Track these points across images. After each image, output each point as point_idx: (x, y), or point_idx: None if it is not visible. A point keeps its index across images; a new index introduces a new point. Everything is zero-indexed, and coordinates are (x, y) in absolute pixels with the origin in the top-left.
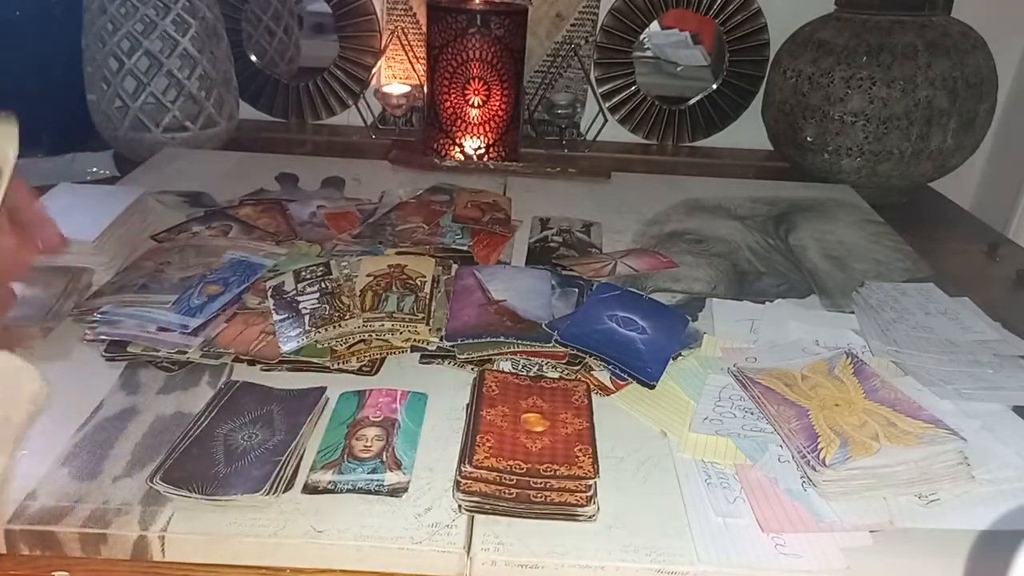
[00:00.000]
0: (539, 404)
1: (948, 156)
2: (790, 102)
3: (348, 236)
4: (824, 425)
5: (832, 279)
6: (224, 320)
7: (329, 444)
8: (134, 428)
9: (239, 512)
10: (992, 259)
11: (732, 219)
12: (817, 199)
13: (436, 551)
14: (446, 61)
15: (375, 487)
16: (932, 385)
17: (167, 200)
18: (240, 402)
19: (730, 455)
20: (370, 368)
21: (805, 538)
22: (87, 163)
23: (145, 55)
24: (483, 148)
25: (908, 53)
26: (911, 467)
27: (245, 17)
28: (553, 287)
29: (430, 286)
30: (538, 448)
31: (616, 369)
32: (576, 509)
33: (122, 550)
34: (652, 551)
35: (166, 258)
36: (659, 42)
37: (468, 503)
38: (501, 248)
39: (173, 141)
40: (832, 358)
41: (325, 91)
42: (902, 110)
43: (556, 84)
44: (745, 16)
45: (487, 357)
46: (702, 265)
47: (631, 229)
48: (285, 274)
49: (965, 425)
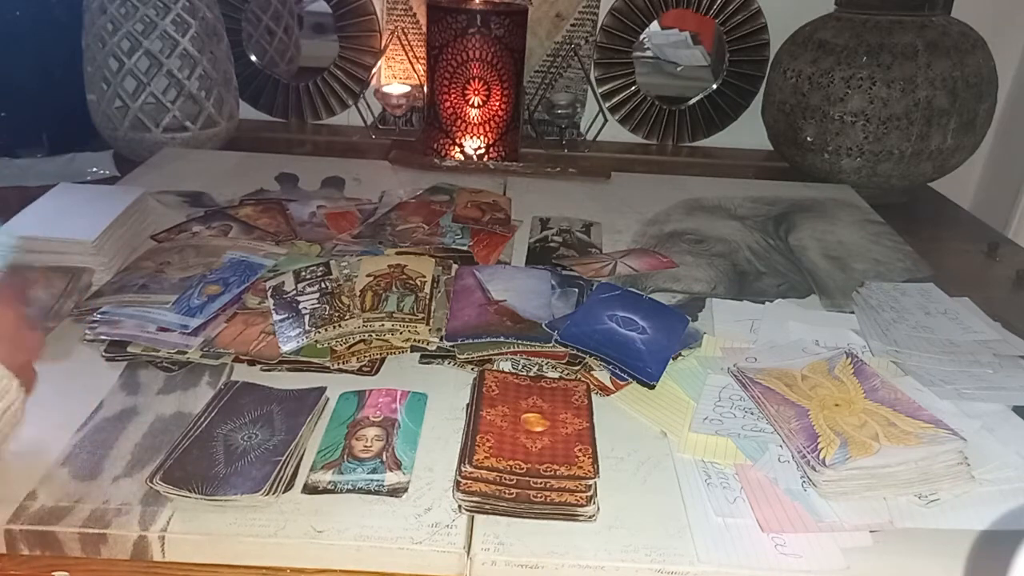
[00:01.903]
0: (539, 404)
1: (948, 156)
2: (790, 102)
3: (348, 236)
4: (824, 425)
5: (832, 279)
6: (224, 320)
7: (329, 444)
8: (134, 428)
9: (239, 512)
10: (992, 259)
11: (732, 219)
12: (817, 199)
13: (436, 551)
14: (446, 61)
15: (375, 487)
16: (932, 385)
17: (167, 200)
18: (240, 402)
19: (730, 455)
20: (370, 368)
21: (805, 538)
22: (87, 163)
23: (145, 55)
24: (483, 148)
25: (908, 53)
26: (911, 467)
27: (245, 17)
28: (553, 287)
29: (430, 286)
30: (538, 448)
31: (616, 369)
32: (576, 509)
33: (122, 550)
34: (652, 551)
35: (166, 258)
36: (659, 42)
37: (468, 503)
38: (501, 248)
39: (173, 141)
40: (832, 358)
41: (325, 91)
42: (902, 110)
43: (556, 84)
44: (745, 16)
45: (487, 357)
46: (702, 265)
47: (631, 229)
48: (285, 274)
49: (965, 425)
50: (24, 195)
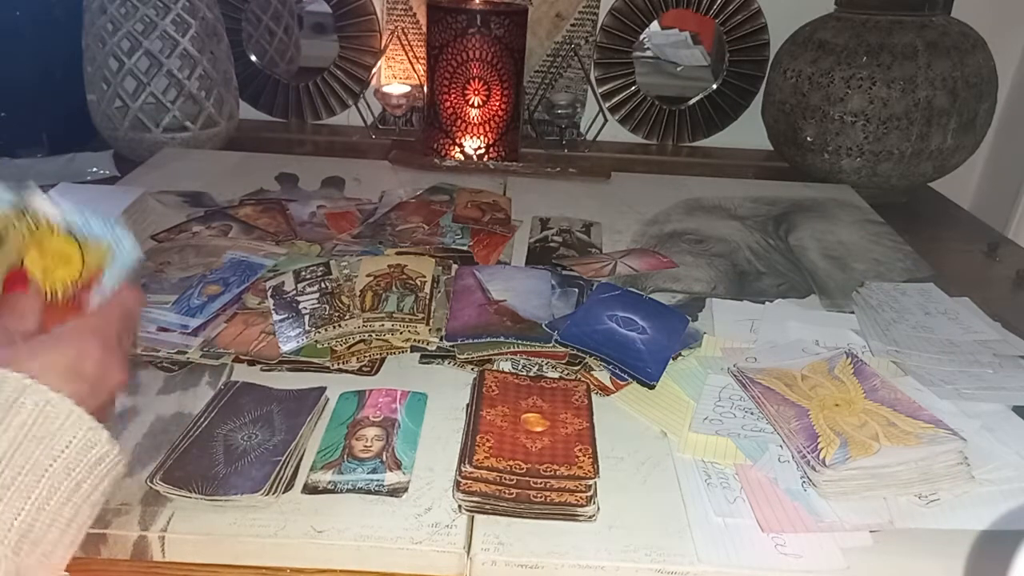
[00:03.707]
0: (539, 404)
1: (948, 156)
2: (790, 102)
3: (348, 236)
4: (824, 425)
5: (832, 279)
6: (224, 320)
7: (329, 444)
8: (134, 428)
9: (239, 512)
10: (992, 259)
11: (732, 219)
12: (817, 199)
13: (436, 551)
14: (446, 61)
15: (375, 487)
16: (932, 385)
17: (167, 200)
18: (240, 402)
19: (730, 455)
20: (370, 368)
21: (805, 538)
22: (87, 163)
23: (145, 55)
24: (483, 148)
25: (908, 53)
26: (911, 467)
27: (245, 17)
28: (553, 287)
29: (430, 286)
30: (538, 448)
31: (616, 369)
32: (576, 509)
33: (122, 550)
34: (652, 551)
35: (166, 258)
36: (659, 42)
37: (468, 503)
38: (501, 248)
39: (173, 141)
40: (832, 358)
41: (325, 91)
42: (902, 110)
43: (556, 84)
44: (745, 16)
45: (487, 357)
46: (702, 265)
47: (631, 229)
48: (285, 274)
49: (965, 425)
50: None
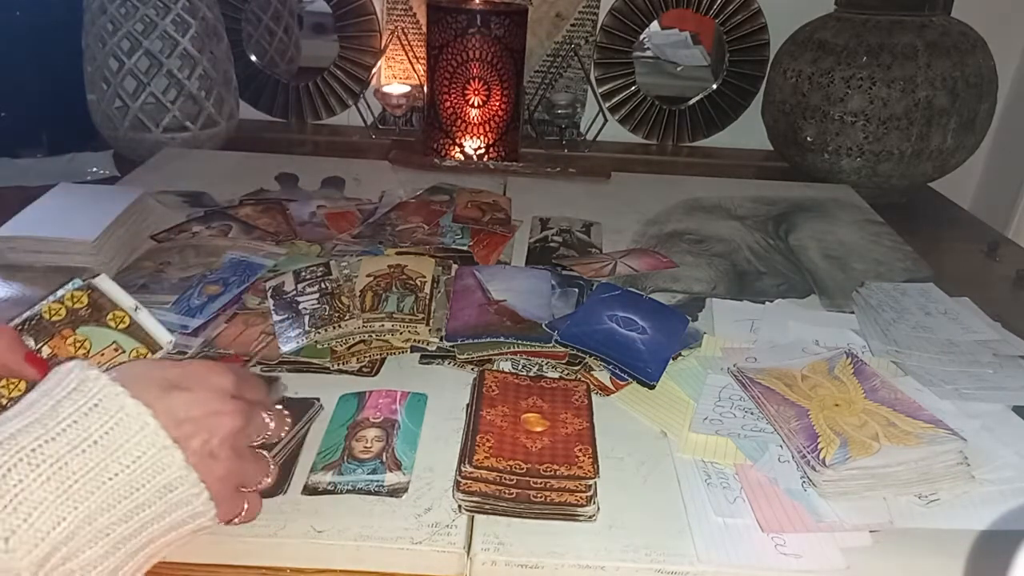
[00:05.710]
0: (539, 404)
1: (948, 156)
2: (790, 102)
3: (348, 236)
4: (824, 425)
5: (832, 279)
6: (224, 320)
7: (329, 445)
8: None
9: None
10: (992, 259)
11: (732, 219)
12: (817, 199)
13: (436, 551)
14: (446, 61)
15: (375, 487)
16: (932, 385)
17: (167, 200)
18: None
19: (730, 455)
20: (370, 369)
21: (805, 538)
22: (87, 163)
23: (145, 55)
24: (483, 148)
25: (908, 53)
26: (911, 467)
27: (245, 17)
28: (553, 287)
29: (430, 286)
30: (538, 448)
31: (616, 369)
32: (576, 509)
33: None
34: (652, 551)
35: (166, 258)
36: (659, 42)
37: (468, 503)
38: (501, 248)
39: (173, 141)
40: (832, 358)
41: (325, 91)
42: (902, 110)
43: (556, 84)
44: (745, 16)
45: (487, 357)
46: (702, 265)
47: (631, 229)
48: (285, 274)
49: (965, 425)
50: (24, 195)
